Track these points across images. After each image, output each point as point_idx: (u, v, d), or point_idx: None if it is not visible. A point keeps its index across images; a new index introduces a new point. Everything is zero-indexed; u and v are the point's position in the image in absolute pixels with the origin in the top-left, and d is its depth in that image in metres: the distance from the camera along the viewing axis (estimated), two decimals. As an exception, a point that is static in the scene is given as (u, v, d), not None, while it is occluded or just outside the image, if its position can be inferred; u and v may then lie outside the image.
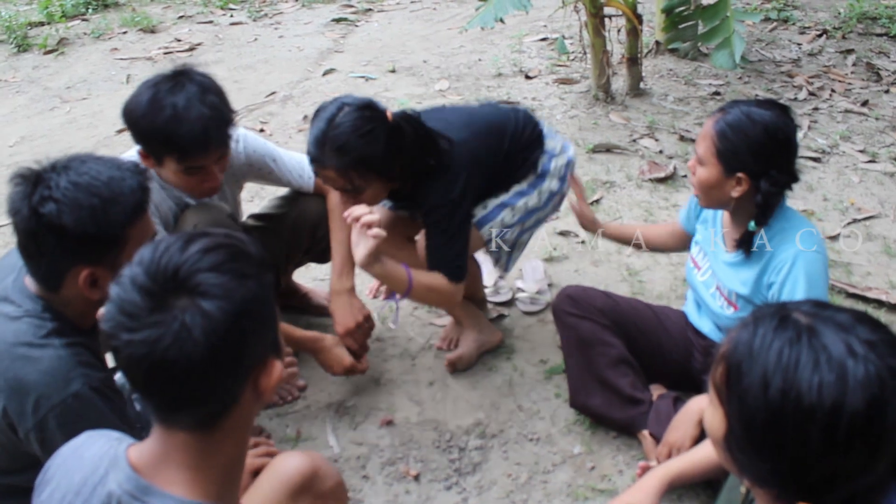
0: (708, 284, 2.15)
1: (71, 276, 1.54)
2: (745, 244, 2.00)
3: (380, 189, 2.18)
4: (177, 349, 1.00)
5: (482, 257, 2.96)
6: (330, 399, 2.49)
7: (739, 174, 1.92)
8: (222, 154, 2.10)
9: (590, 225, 2.53)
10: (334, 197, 2.37)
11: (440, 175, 2.20)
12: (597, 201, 3.54)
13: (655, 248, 2.52)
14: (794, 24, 5.96)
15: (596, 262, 3.13)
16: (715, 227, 2.15)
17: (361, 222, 2.01)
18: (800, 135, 4.13)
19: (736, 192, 1.94)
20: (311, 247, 2.61)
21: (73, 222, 1.49)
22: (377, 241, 2.03)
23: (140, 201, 1.57)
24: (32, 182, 1.51)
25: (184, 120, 1.97)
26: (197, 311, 1.01)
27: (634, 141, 4.11)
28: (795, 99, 4.66)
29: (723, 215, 2.14)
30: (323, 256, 2.64)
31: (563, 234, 3.32)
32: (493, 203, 2.39)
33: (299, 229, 2.54)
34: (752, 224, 1.97)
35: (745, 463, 1.12)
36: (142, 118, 2.00)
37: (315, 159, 2.10)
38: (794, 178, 1.96)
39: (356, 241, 2.05)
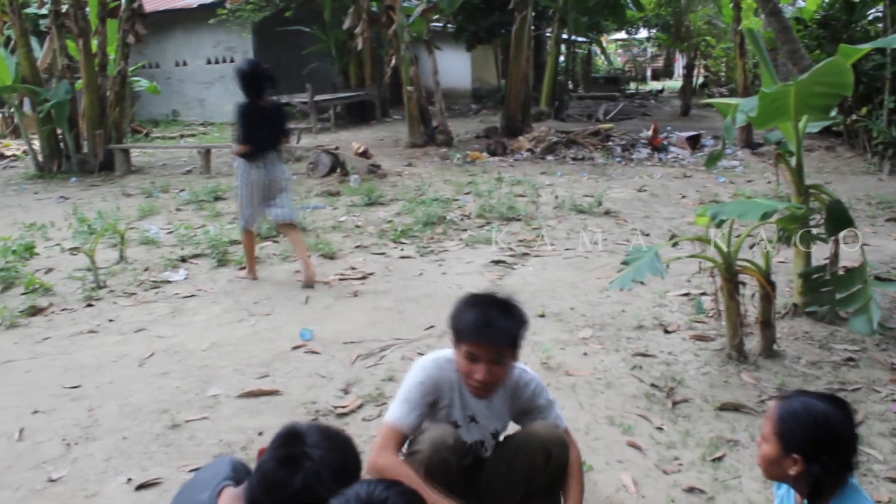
0: None
1: None
2: None
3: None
4: None
5: None
6: None
7: (795, 455, 2.20)
8: (498, 355, 2.69)
9: None
10: (575, 453, 2.91)
11: None
12: (719, 458, 3.77)
13: None
14: (939, 292, 6.08)
15: (713, 518, 3.34)
16: (789, 501, 2.40)
17: None
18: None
19: (793, 471, 2.22)
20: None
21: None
22: None
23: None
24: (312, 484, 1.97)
25: (474, 314, 2.70)
26: None
27: (763, 402, 4.32)
28: (931, 375, 4.76)
29: (794, 494, 2.38)
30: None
31: (691, 490, 3.52)
32: None
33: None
34: (806, 502, 2.24)
35: None
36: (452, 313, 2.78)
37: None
38: (847, 467, 2.21)
39: None
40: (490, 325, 2.66)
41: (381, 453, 2.67)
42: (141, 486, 3.60)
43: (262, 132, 6.51)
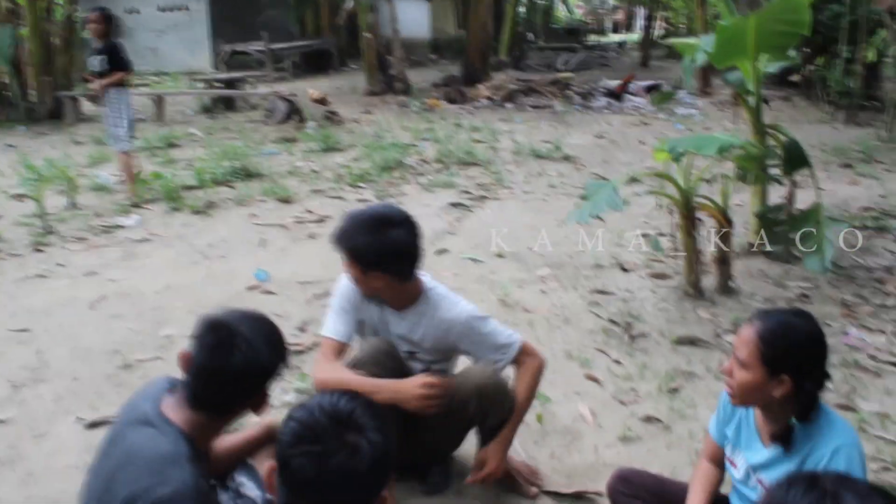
0: (747, 479, 2.30)
1: (256, 399, 2.06)
2: (785, 439, 2.17)
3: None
4: (346, 462, 1.50)
5: None
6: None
7: (783, 376, 2.10)
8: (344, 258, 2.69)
9: None
10: (533, 365, 2.86)
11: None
12: (675, 389, 3.79)
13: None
14: (890, 233, 6.18)
15: (669, 445, 3.35)
16: (748, 424, 2.32)
17: None
18: (882, 339, 4.32)
19: (778, 393, 2.11)
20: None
21: (281, 359, 2.08)
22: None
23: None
24: (243, 338, 2.01)
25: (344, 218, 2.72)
26: (365, 440, 1.52)
27: (718, 336, 4.37)
28: (883, 305, 4.83)
29: (754, 412, 2.30)
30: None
31: (648, 419, 3.55)
32: None
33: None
34: (794, 420, 2.15)
35: None
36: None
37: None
38: (828, 376, 2.20)
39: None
40: (338, 231, 2.69)
41: (321, 366, 2.70)
42: (92, 425, 3.53)
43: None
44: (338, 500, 1.51)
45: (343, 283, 2.86)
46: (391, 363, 2.75)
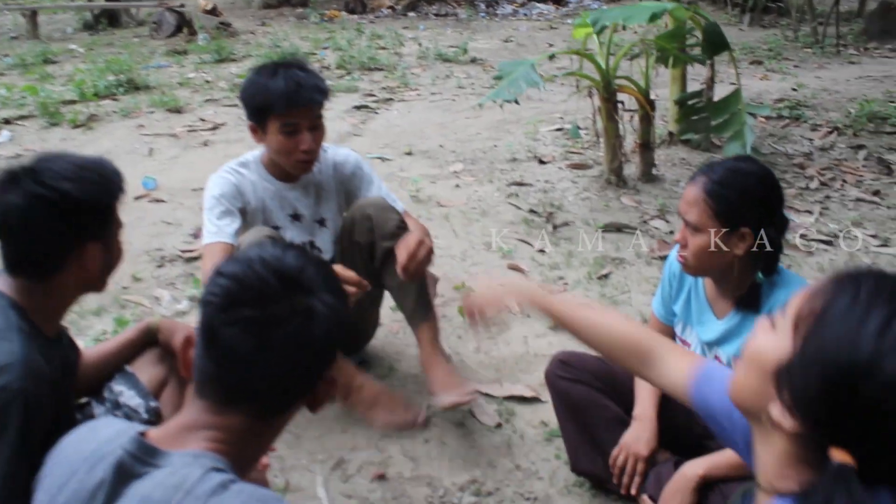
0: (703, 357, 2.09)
1: (75, 255, 1.63)
2: (751, 300, 1.94)
3: None
4: (296, 332, 1.14)
5: None
6: (322, 450, 2.44)
7: (742, 229, 1.87)
8: (315, 118, 2.41)
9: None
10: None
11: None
12: (605, 276, 3.54)
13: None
14: (805, 121, 6.08)
15: (602, 333, 3.11)
16: (698, 297, 2.10)
17: None
18: (811, 219, 4.17)
19: (740, 249, 1.88)
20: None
21: (86, 195, 1.62)
22: None
23: (122, 180, 1.76)
24: (30, 174, 1.59)
25: (279, 82, 2.35)
26: (321, 302, 1.16)
27: (645, 222, 4.14)
28: (807, 188, 4.70)
29: (704, 285, 2.08)
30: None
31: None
32: None
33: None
34: (760, 275, 1.93)
35: (796, 397, 0.99)
36: (245, 93, 2.43)
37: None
38: (787, 221, 1.95)
39: None
40: (303, 86, 2.36)
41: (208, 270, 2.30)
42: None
43: None
44: (276, 381, 1.16)
45: (220, 183, 2.49)
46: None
